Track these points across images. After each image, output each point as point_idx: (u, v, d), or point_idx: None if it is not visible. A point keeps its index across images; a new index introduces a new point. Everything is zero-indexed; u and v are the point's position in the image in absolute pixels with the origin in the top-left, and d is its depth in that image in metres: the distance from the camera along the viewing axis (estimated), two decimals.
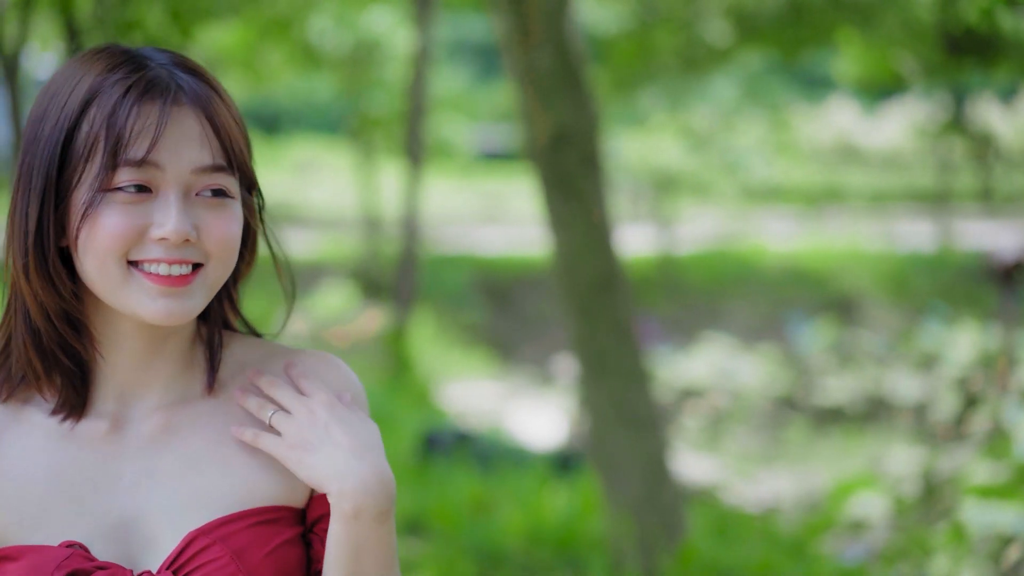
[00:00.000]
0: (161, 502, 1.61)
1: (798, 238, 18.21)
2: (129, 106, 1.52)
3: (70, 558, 1.54)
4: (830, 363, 10.70)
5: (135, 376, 1.63)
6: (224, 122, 1.58)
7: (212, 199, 1.57)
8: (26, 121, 1.60)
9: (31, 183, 1.55)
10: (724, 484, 7.76)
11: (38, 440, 1.60)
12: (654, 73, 13.85)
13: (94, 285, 1.55)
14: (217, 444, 1.65)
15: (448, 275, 14.44)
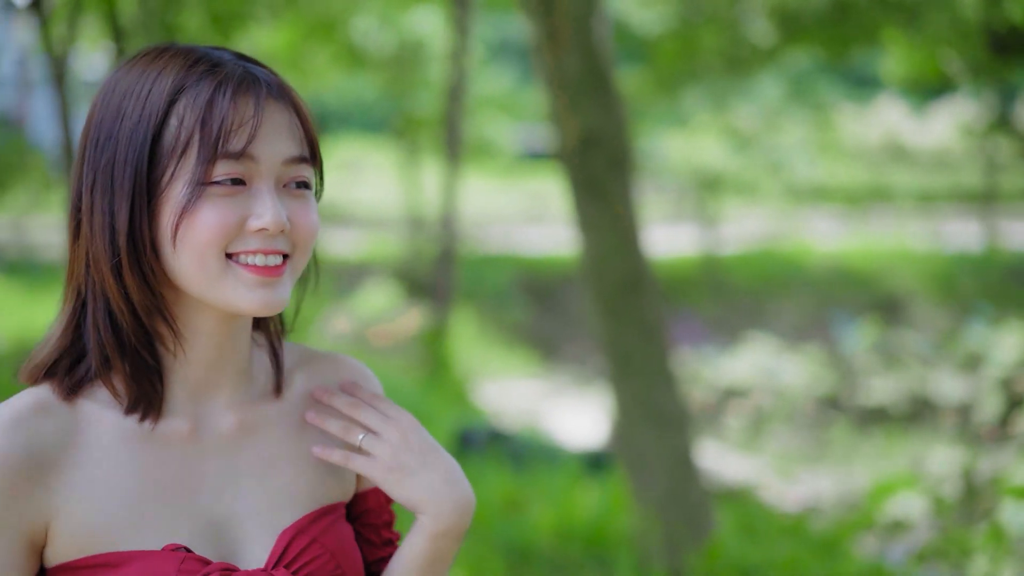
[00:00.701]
0: (247, 502, 1.63)
1: (844, 238, 18.12)
2: (225, 100, 1.52)
3: (185, 562, 1.54)
4: (874, 363, 10.65)
5: (208, 375, 1.64)
6: (307, 114, 1.60)
7: (297, 190, 1.59)
8: (93, 121, 1.59)
9: (113, 181, 1.54)
10: (764, 484, 7.75)
11: (117, 441, 1.58)
12: (698, 73, 13.83)
13: (189, 279, 1.55)
14: (289, 444, 1.69)
15: (491, 275, 14.48)
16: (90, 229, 1.55)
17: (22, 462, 1.51)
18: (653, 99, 15.32)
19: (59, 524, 1.53)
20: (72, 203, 1.59)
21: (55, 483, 1.53)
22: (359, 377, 1.79)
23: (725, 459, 8.37)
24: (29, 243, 17.93)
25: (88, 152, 1.57)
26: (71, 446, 1.55)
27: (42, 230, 19.01)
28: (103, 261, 1.54)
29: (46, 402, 1.56)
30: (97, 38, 12.54)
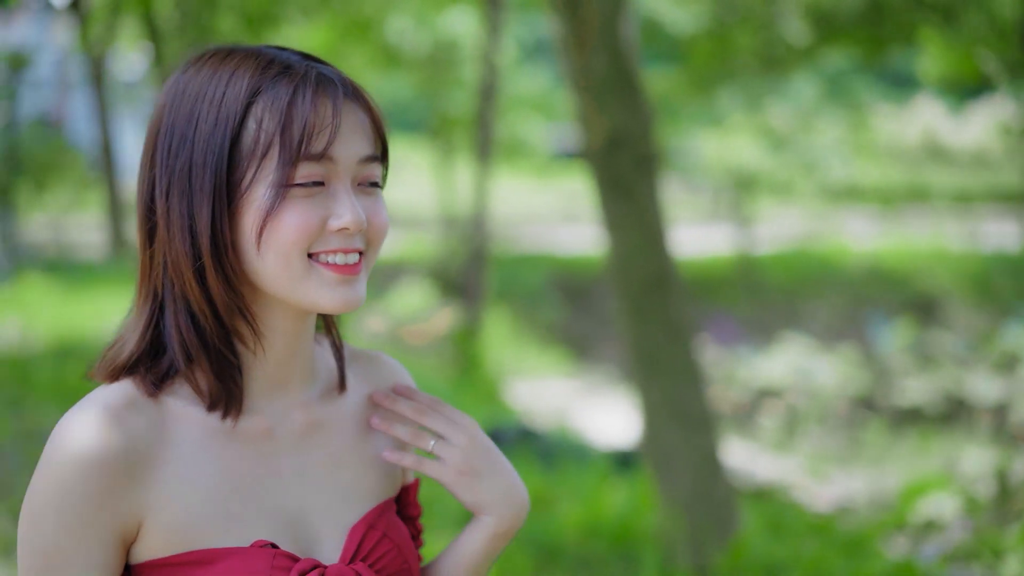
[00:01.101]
0: (317, 498, 1.66)
1: (880, 238, 18.06)
2: (306, 102, 1.53)
3: (277, 558, 1.56)
4: (909, 363, 10.62)
5: (280, 372, 1.66)
6: (378, 113, 1.62)
7: (369, 188, 1.62)
8: (162, 125, 1.59)
9: (192, 184, 1.55)
10: (797, 484, 7.75)
11: (202, 437, 1.60)
12: (733, 73, 13.82)
13: (273, 280, 1.56)
14: (352, 441, 1.73)
15: (525, 274, 14.51)
16: (167, 232, 1.56)
17: (120, 457, 1.51)
18: (688, 99, 15.32)
19: (152, 521, 1.54)
20: (143, 207, 1.60)
21: (149, 479, 1.54)
22: (399, 375, 1.84)
23: (758, 459, 8.37)
24: (67, 242, 18.07)
25: (160, 156, 1.58)
26: (161, 442, 1.56)
27: (80, 229, 19.17)
28: (184, 264, 1.55)
29: (134, 398, 1.56)
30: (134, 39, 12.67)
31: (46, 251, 16.86)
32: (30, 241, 17.32)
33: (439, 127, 15.17)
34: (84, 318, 11.79)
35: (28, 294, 13.01)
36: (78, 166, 19.08)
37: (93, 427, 1.51)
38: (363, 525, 1.67)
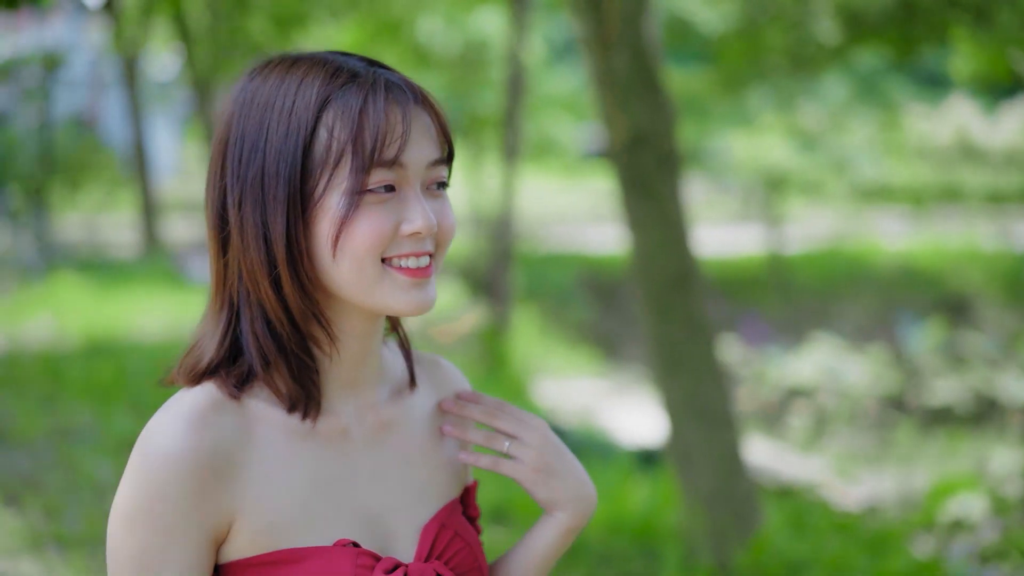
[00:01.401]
0: (392, 496, 1.69)
1: (912, 237, 17.99)
2: (377, 109, 1.55)
3: (360, 556, 1.59)
4: (940, 364, 10.59)
5: (354, 374, 1.69)
6: (443, 115, 1.64)
7: (437, 191, 1.65)
8: (231, 135, 1.62)
9: (265, 193, 1.57)
10: (825, 483, 7.73)
11: (285, 438, 1.62)
12: (763, 72, 13.79)
13: (348, 285, 1.59)
14: (421, 441, 1.77)
15: (554, 273, 14.54)
16: (241, 242, 1.59)
17: (210, 457, 1.54)
18: (718, 99, 15.30)
19: (242, 521, 1.57)
20: (215, 216, 1.62)
21: (237, 479, 1.56)
22: (458, 379, 1.89)
23: (787, 459, 8.35)
24: (100, 241, 18.18)
25: (231, 166, 1.60)
26: (246, 443, 1.58)
27: (113, 228, 19.29)
28: (259, 272, 1.58)
29: (218, 400, 1.59)
30: (166, 40, 12.76)
31: (79, 250, 16.97)
32: (63, 240, 17.45)
33: (469, 127, 15.19)
34: (116, 316, 11.88)
35: (61, 292, 13.11)
36: (111, 165, 19.20)
37: (181, 429, 1.54)
38: (436, 524, 1.70)
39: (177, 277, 14.75)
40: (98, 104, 23.69)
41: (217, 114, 1.67)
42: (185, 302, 12.76)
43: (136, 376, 9.19)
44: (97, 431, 7.78)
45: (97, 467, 7.03)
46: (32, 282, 13.61)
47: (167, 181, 24.68)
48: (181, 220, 20.80)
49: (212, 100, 10.95)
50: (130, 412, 8.24)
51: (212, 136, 1.68)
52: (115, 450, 7.36)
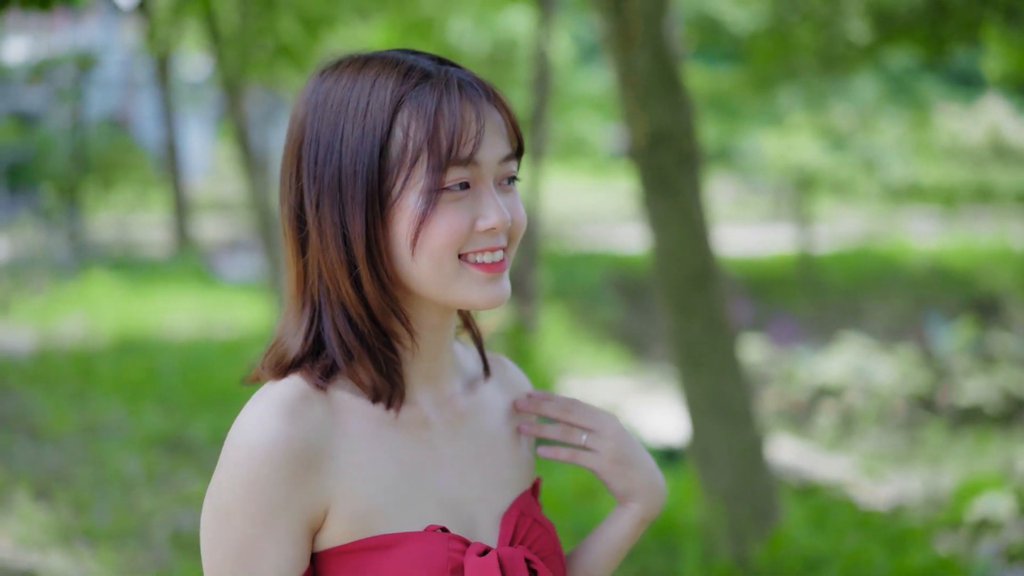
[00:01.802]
0: (472, 484, 1.72)
1: (943, 237, 17.92)
2: (452, 109, 1.58)
3: (451, 540, 1.62)
4: (969, 364, 10.54)
5: (432, 366, 1.72)
6: (512, 111, 1.66)
7: (508, 186, 1.67)
8: (306, 136, 1.64)
9: (343, 193, 1.60)
10: (852, 482, 7.73)
11: (371, 427, 1.65)
12: (794, 72, 13.76)
13: (426, 282, 1.62)
14: (495, 432, 1.81)
15: (582, 273, 14.55)
16: (320, 241, 1.62)
17: (302, 447, 1.55)
18: (748, 98, 15.28)
19: (336, 508, 1.59)
20: (292, 216, 1.66)
21: (329, 468, 1.58)
22: (521, 377, 1.94)
23: (814, 458, 8.34)
24: (132, 240, 18.30)
25: (307, 166, 1.63)
26: (335, 433, 1.60)
27: (145, 227, 19.41)
28: (339, 271, 1.61)
29: (307, 390, 1.61)
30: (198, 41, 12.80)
31: (111, 249, 17.10)
32: (96, 239, 17.58)
33: None
34: (147, 314, 11.97)
35: (93, 290, 13.22)
36: (143, 165, 19.32)
37: (273, 419, 1.55)
38: (515, 511, 1.74)
39: (208, 276, 14.86)
40: (131, 104, 23.85)
41: (290, 114, 1.69)
42: (215, 301, 12.86)
43: (166, 374, 9.28)
44: (127, 427, 7.86)
45: (126, 463, 7.10)
46: (64, 280, 13.74)
47: (199, 181, 24.84)
48: (212, 219, 20.93)
49: (241, 101, 11.00)
50: (159, 409, 8.32)
51: (286, 133, 1.70)
52: (144, 446, 7.44)
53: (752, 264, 16.20)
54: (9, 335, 10.78)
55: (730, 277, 14.81)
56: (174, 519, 6.17)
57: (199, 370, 9.33)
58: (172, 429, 7.79)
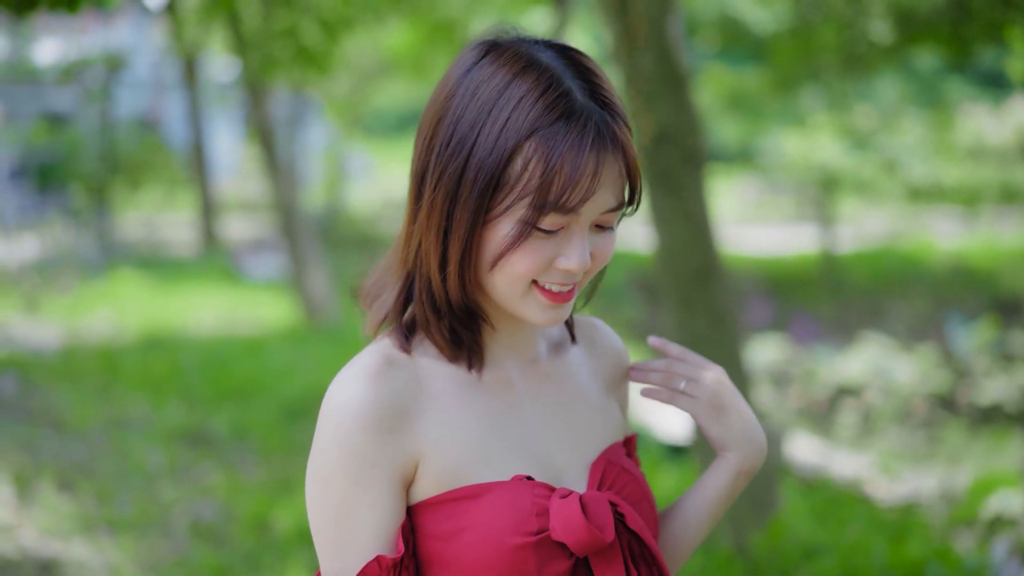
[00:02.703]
0: (559, 439, 1.82)
1: (967, 237, 17.89)
2: (573, 162, 1.62)
3: (537, 487, 1.71)
4: (989, 363, 10.55)
5: (510, 340, 1.83)
6: (635, 161, 1.70)
7: (603, 230, 1.74)
8: (448, 114, 1.69)
9: (459, 191, 1.67)
10: (869, 480, 7.77)
11: (455, 389, 1.77)
12: (816, 72, 13.78)
13: (496, 293, 1.73)
14: (580, 391, 1.91)
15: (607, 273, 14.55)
16: (427, 223, 1.71)
17: (388, 409, 1.68)
18: (771, 98, 15.31)
19: (425, 463, 1.71)
20: (416, 179, 1.74)
21: (416, 427, 1.70)
22: (614, 338, 2.05)
23: (831, 455, 8.38)
24: (160, 240, 18.43)
25: (438, 148, 1.69)
26: (420, 394, 1.73)
27: (172, 227, 19.55)
28: (433, 258, 1.71)
29: (392, 356, 1.75)
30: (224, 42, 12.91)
31: (139, 248, 17.23)
32: (124, 238, 17.73)
33: None
34: (173, 312, 12.09)
35: (120, 288, 13.36)
36: (172, 166, 19.45)
37: (359, 385, 1.69)
38: (603, 460, 1.84)
39: (233, 274, 14.98)
40: (161, 105, 24.02)
41: (442, 79, 1.73)
42: (240, 298, 12.98)
43: (189, 369, 9.39)
44: (150, 421, 7.97)
45: (148, 455, 7.22)
46: (93, 279, 13.87)
47: (227, 181, 24.98)
48: (239, 219, 21.07)
49: (265, 103, 11.11)
50: (182, 404, 8.43)
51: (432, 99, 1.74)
52: (166, 439, 7.55)
53: (775, 264, 16.22)
54: (37, 332, 10.92)
55: (752, 277, 14.86)
56: (194, 509, 6.29)
57: (221, 366, 9.45)
58: (194, 423, 7.91)
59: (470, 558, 1.68)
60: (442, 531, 1.69)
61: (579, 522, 1.67)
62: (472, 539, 1.67)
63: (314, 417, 8.14)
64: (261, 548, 5.73)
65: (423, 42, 15.11)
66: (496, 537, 1.67)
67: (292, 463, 7.11)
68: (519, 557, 1.67)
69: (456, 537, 1.68)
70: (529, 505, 1.68)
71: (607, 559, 1.73)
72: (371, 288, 1.86)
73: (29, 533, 5.81)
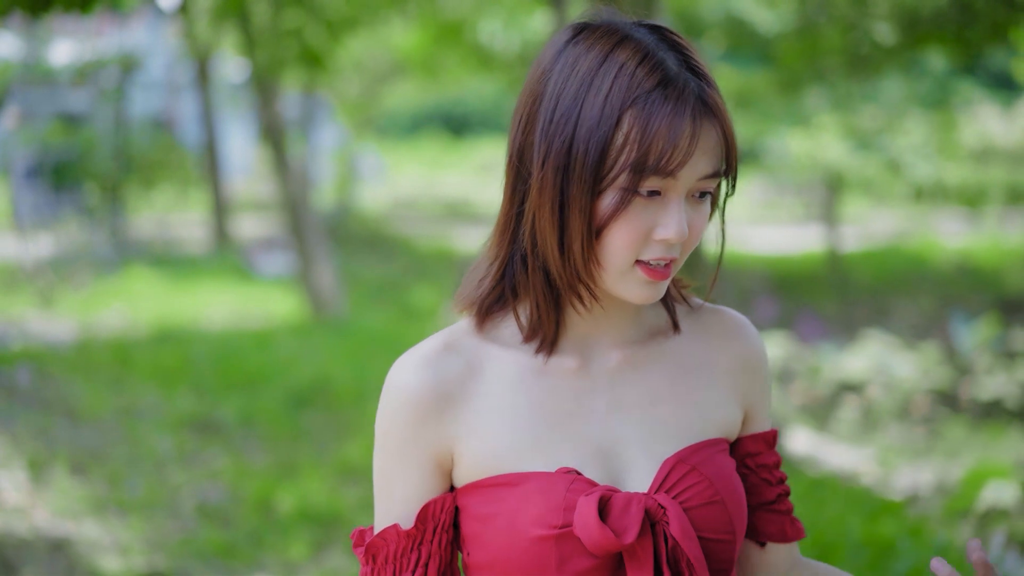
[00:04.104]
0: (632, 431, 1.76)
1: (973, 237, 17.96)
2: (673, 125, 1.62)
3: (575, 482, 1.69)
4: (991, 360, 10.62)
5: (597, 323, 1.79)
6: (731, 130, 1.69)
7: (699, 199, 1.71)
8: (548, 91, 1.70)
9: (570, 164, 1.66)
10: (867, 473, 7.87)
11: (517, 373, 1.76)
12: (822, 74, 13.86)
13: (600, 266, 1.69)
14: (672, 381, 1.82)
15: None
16: (539, 198, 1.69)
17: (430, 396, 1.74)
18: (777, 98, 15.40)
19: (463, 448, 1.74)
20: (514, 160, 1.74)
21: (458, 414, 1.74)
22: (741, 329, 1.92)
23: (831, 449, 8.47)
24: (173, 238, 18.58)
25: (541, 124, 1.69)
26: (473, 380, 1.75)
27: (186, 226, 19.71)
28: (550, 233, 1.69)
29: (454, 342, 1.77)
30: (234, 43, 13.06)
31: (152, 246, 17.38)
32: (137, 237, 17.87)
33: None
34: (185, 308, 12.26)
35: (133, 285, 13.53)
36: (185, 165, 19.59)
37: (411, 368, 1.76)
38: (674, 458, 1.75)
39: (245, 271, 15.15)
40: (175, 106, 24.19)
41: (535, 61, 1.75)
42: (250, 294, 13.15)
43: (200, 361, 9.57)
44: (161, 410, 8.16)
45: (158, 442, 7.40)
46: (107, 276, 14.05)
47: (240, 181, 25.16)
48: (252, 218, 21.24)
49: (274, 102, 11.29)
50: (192, 393, 8.62)
51: (528, 80, 1.75)
52: (176, 427, 7.74)
53: (781, 263, 16.33)
54: (52, 327, 11.11)
55: (759, 275, 14.95)
56: (201, 492, 6.49)
57: (231, 357, 9.63)
58: (203, 411, 8.11)
59: (498, 544, 1.71)
60: (481, 513, 1.74)
61: (593, 521, 1.65)
62: (501, 526, 1.71)
63: (319, 405, 8.35)
64: (264, 527, 5.93)
65: (432, 43, 15.25)
66: (521, 527, 1.69)
67: (297, 448, 7.31)
68: (540, 550, 1.68)
69: (490, 521, 1.72)
70: (560, 498, 1.68)
71: (638, 562, 1.70)
72: (468, 279, 1.84)
73: (42, 514, 6.01)
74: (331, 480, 6.71)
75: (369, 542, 1.78)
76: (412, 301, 13.05)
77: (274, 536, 5.79)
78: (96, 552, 5.55)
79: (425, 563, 1.76)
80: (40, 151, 16.74)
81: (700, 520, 1.73)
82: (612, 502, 1.67)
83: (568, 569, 1.68)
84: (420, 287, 13.62)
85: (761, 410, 1.91)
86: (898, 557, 5.06)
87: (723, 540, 1.76)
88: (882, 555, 5.05)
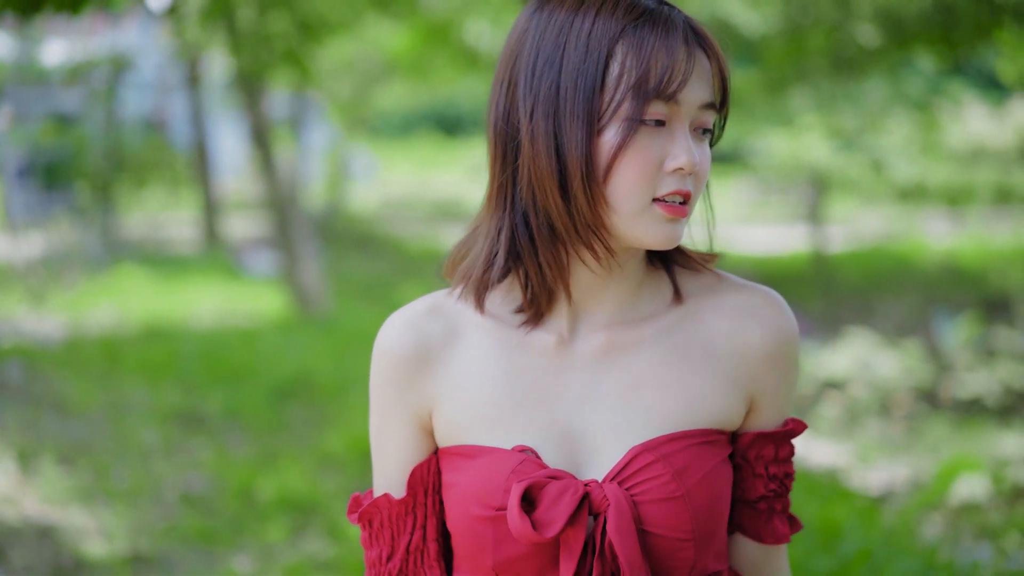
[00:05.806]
0: (605, 416, 1.69)
1: (959, 237, 18.02)
2: (667, 47, 1.61)
3: (523, 463, 1.65)
4: (972, 358, 10.67)
5: (589, 296, 1.73)
6: (724, 62, 1.68)
7: (701, 135, 1.68)
8: (525, 50, 1.66)
9: (560, 106, 1.63)
10: (847, 469, 7.94)
11: (493, 344, 1.73)
12: (806, 75, 13.91)
13: (613, 206, 1.64)
14: (658, 366, 1.72)
15: None
16: (532, 149, 1.64)
17: (411, 355, 1.75)
18: (761, 99, 15.45)
19: (438, 411, 1.75)
20: (499, 124, 1.69)
21: (436, 375, 1.75)
22: (760, 315, 1.78)
23: (812, 445, 8.53)
24: (163, 238, 18.63)
25: (524, 78, 1.65)
26: (452, 345, 1.75)
27: (176, 226, 19.77)
28: (549, 181, 1.63)
29: (439, 305, 1.77)
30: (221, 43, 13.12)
31: (143, 245, 17.43)
32: (128, 236, 17.93)
33: None
34: (174, 306, 12.35)
35: (123, 284, 13.61)
36: (176, 165, 19.63)
37: (394, 330, 1.77)
38: (640, 447, 1.66)
39: (234, 270, 15.23)
40: (167, 106, 24.21)
41: (508, 34, 1.72)
42: (239, 293, 13.23)
43: (187, 357, 9.68)
44: (148, 404, 8.26)
45: (145, 434, 7.51)
46: (97, 275, 14.12)
47: (230, 181, 25.20)
48: (242, 218, 21.30)
49: (260, 102, 11.37)
50: (178, 388, 8.73)
51: (503, 54, 1.72)
52: (162, 419, 7.86)
53: (767, 262, 16.40)
54: (43, 324, 11.19)
55: (745, 275, 14.92)
56: (185, 481, 6.62)
57: (217, 353, 9.75)
58: (189, 405, 8.23)
59: (451, 515, 1.72)
60: (446, 481, 1.74)
61: (515, 510, 1.60)
62: (454, 498, 1.71)
63: (301, 398, 8.48)
64: (245, 514, 6.06)
65: (420, 44, 15.30)
66: (466, 502, 1.68)
67: (278, 439, 7.44)
68: (478, 528, 1.67)
69: (448, 491, 1.73)
70: (503, 479, 1.65)
71: (570, 553, 1.63)
72: (456, 251, 1.81)
73: (30, 503, 6.13)
74: (310, 469, 6.83)
75: (362, 510, 1.79)
76: (399, 299, 13.13)
77: (254, 522, 5.92)
78: (82, 538, 5.67)
79: (423, 524, 1.78)
80: (32, 151, 16.79)
81: (653, 516, 1.64)
82: (545, 491, 1.62)
83: (502, 552, 1.66)
84: (407, 286, 13.70)
85: (772, 403, 1.77)
86: (845, 539, 5.21)
87: (677, 539, 1.65)
88: (831, 538, 5.21)
